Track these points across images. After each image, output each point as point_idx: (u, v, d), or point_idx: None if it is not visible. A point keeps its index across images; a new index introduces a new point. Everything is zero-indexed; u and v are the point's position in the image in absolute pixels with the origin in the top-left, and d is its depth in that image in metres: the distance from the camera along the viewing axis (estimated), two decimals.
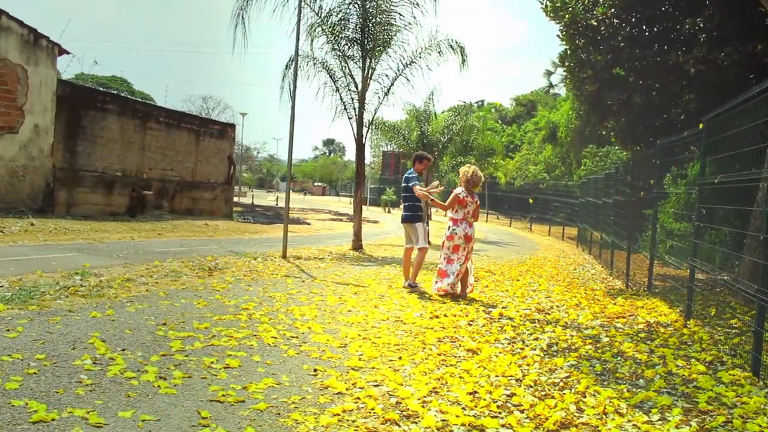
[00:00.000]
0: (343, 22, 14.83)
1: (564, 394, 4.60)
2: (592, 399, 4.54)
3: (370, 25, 14.73)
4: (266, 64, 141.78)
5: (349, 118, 15.13)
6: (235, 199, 45.05)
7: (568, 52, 12.78)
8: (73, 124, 18.88)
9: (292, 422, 3.66)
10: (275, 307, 7.02)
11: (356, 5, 14.75)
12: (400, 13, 14.80)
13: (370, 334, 6.05)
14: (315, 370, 4.71)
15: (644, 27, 12.07)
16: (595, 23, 12.02)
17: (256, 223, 24.82)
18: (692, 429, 3.98)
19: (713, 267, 7.75)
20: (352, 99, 15.11)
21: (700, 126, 7.70)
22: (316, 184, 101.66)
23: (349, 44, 14.91)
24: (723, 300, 8.96)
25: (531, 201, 33.80)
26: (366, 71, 15.02)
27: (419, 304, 7.97)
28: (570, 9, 12.04)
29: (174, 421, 3.53)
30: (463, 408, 4.13)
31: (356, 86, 15.13)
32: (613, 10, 11.87)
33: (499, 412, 4.14)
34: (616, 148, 22.74)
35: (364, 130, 15.32)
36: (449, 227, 8.80)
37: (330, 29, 14.71)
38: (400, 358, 5.27)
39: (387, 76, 15.37)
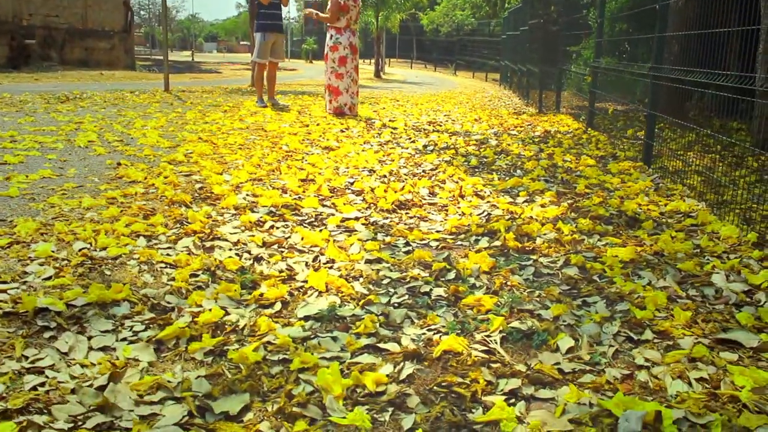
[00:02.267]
0: None
1: (418, 181, 3.94)
2: (453, 185, 3.90)
3: None
4: None
5: None
6: (149, 55, 42.26)
7: None
8: None
9: (44, 206, 2.85)
10: (116, 121, 6.01)
11: None
12: None
13: (214, 137, 5.17)
14: (118, 164, 3.86)
15: None
16: None
17: (161, 72, 22.97)
18: (561, 208, 3.40)
19: (616, 65, 7.05)
20: None
21: None
22: (241, 43, 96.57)
23: None
24: (629, 116, 8.41)
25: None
26: None
27: (293, 117, 7.08)
28: None
29: None
30: (285, 192, 3.41)
31: None
32: None
33: (330, 196, 3.44)
34: None
35: None
36: (331, 36, 7.65)
37: None
38: (234, 152, 4.47)
39: None
